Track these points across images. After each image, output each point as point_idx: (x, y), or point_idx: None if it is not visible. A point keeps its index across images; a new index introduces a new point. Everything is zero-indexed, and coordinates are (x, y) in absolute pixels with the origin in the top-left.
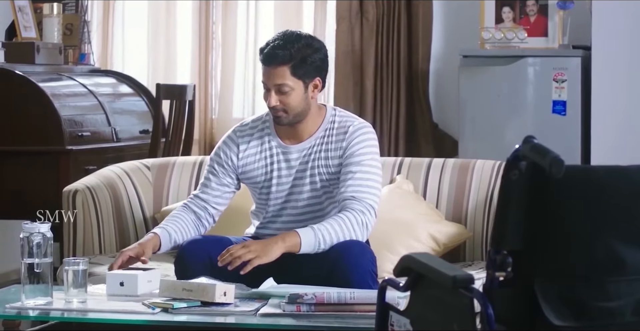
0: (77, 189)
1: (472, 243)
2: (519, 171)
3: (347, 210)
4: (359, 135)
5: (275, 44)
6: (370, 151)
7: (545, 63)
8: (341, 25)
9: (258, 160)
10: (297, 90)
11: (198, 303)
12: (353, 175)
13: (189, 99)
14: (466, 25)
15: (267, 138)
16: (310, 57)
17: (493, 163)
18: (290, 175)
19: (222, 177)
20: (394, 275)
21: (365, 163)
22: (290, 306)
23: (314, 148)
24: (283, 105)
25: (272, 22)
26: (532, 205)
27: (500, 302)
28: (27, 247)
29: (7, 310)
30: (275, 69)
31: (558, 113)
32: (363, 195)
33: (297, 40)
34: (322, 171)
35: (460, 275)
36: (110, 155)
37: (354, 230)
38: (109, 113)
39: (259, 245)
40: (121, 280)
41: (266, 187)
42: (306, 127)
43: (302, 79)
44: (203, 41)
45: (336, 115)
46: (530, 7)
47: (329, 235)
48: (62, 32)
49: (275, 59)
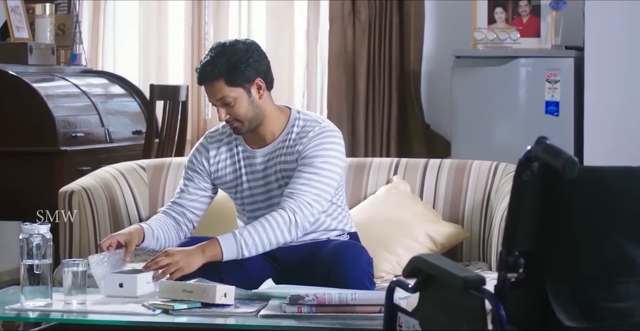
0: (73, 190)
1: (469, 244)
2: (531, 172)
3: (277, 210)
4: (316, 140)
5: (204, 62)
6: (325, 154)
7: (538, 64)
8: (334, 25)
9: (228, 165)
10: (240, 98)
11: (198, 304)
12: (299, 173)
13: (182, 100)
14: (458, 25)
15: (234, 143)
16: (241, 62)
17: (490, 164)
18: (258, 179)
19: (197, 181)
20: (403, 276)
21: (314, 165)
22: (292, 307)
23: (276, 152)
24: (234, 116)
25: (264, 22)
26: (543, 206)
27: (512, 303)
28: (27, 248)
29: (7, 311)
30: (211, 86)
31: (551, 114)
32: (302, 192)
33: (222, 51)
34: (284, 174)
35: (471, 276)
36: (103, 156)
37: (281, 230)
38: (102, 114)
39: (182, 255)
40: (120, 281)
41: (239, 191)
42: (268, 130)
43: (241, 85)
44: (195, 41)
45: (300, 118)
46: (522, 7)
47: (252, 239)
48: (55, 33)
49: (207, 76)
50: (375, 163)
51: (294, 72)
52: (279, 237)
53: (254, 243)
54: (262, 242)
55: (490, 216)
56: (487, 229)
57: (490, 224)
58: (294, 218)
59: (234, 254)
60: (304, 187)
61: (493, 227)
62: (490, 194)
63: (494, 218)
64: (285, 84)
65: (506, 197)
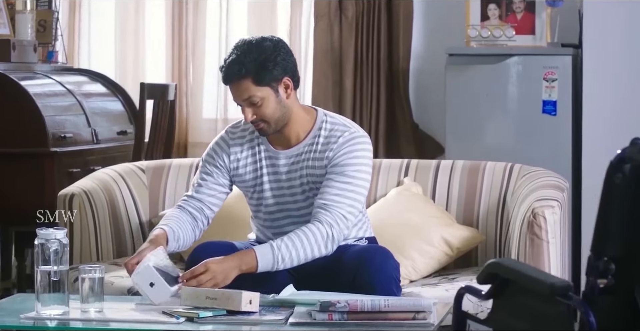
0: (73, 193)
1: (485, 248)
2: (622, 174)
3: (314, 223)
4: (347, 146)
5: (230, 60)
6: (356, 162)
7: (534, 61)
8: (320, 22)
9: (249, 164)
10: (268, 98)
11: (224, 311)
12: (332, 182)
13: (171, 99)
14: (451, 22)
15: (256, 141)
16: (269, 61)
17: (504, 165)
18: (280, 180)
19: (216, 177)
20: (477, 282)
21: (347, 174)
22: (322, 314)
23: (302, 156)
24: (260, 117)
25: (245, 21)
26: (635, 209)
27: (600, 310)
28: (43, 254)
29: (23, 320)
30: (238, 85)
31: (548, 114)
32: (336, 204)
33: (248, 49)
34: (310, 179)
35: (558, 281)
36: (91, 157)
37: (318, 245)
38: (88, 113)
39: (220, 268)
40: (152, 281)
41: (258, 192)
42: (293, 131)
43: (269, 84)
44: (176, 40)
45: (327, 121)
46: (517, 4)
47: (289, 253)
48: (35, 29)
49: (233, 75)
50: (384, 164)
51: None
52: (315, 251)
53: (290, 257)
54: (298, 257)
55: (506, 219)
56: (504, 232)
57: (507, 227)
58: (331, 233)
59: (268, 267)
60: (338, 198)
61: (511, 230)
62: (506, 196)
63: (511, 221)
64: None
65: (526, 199)
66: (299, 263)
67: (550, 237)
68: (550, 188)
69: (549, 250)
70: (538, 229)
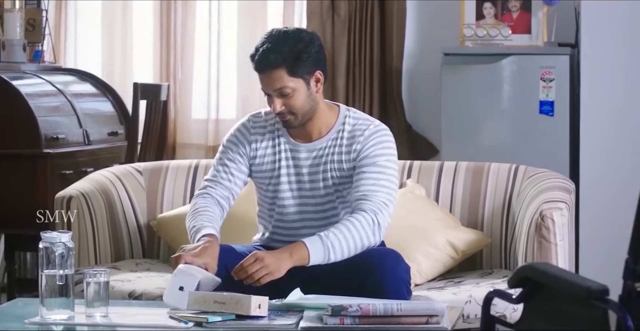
0: (71, 195)
1: (490, 250)
2: None
3: (357, 212)
4: (374, 138)
5: (264, 48)
6: (386, 152)
7: (531, 61)
8: (312, 21)
9: (268, 154)
10: (299, 89)
11: (232, 316)
12: (365, 174)
13: (164, 99)
14: (446, 21)
15: (277, 133)
16: (305, 52)
17: (509, 166)
18: (300, 174)
19: (238, 164)
20: (509, 286)
21: (379, 164)
22: (334, 319)
23: (326, 150)
24: (289, 108)
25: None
26: None
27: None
28: (48, 257)
29: (27, 325)
30: (271, 74)
31: (545, 114)
32: (375, 193)
33: (285, 38)
34: (334, 174)
35: (595, 285)
36: (82, 159)
37: (366, 232)
38: (80, 114)
39: (272, 259)
40: (182, 285)
41: (274, 184)
42: (316, 126)
43: (302, 76)
44: (164, 40)
45: (350, 116)
46: (512, 3)
47: (339, 242)
48: (24, 28)
49: (268, 64)
50: None
51: None
52: (364, 239)
53: (341, 246)
54: (349, 246)
55: (512, 221)
56: (510, 235)
57: (513, 229)
58: (376, 220)
59: (320, 258)
60: (375, 188)
61: (518, 233)
62: (511, 198)
63: (517, 223)
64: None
65: (533, 201)
66: (350, 254)
67: (559, 240)
68: (558, 190)
69: (557, 253)
70: (546, 232)
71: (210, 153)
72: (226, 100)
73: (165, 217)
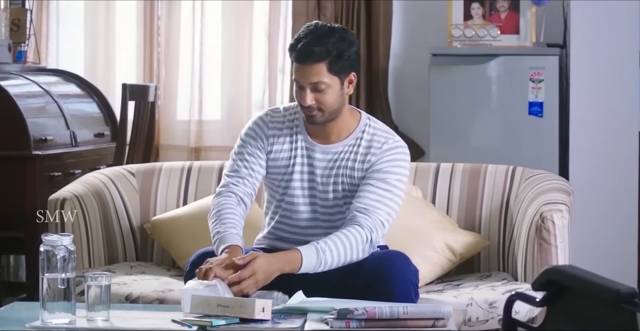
0: (65, 198)
1: (487, 253)
2: None
3: (354, 226)
4: (391, 154)
5: (309, 40)
6: (398, 172)
7: (520, 62)
8: (298, 21)
9: (284, 150)
10: (333, 87)
11: (236, 320)
12: (372, 188)
13: (151, 100)
14: (433, 22)
15: (295, 129)
16: (347, 52)
17: (506, 168)
18: (313, 173)
19: (257, 158)
20: (533, 289)
21: (388, 181)
22: (339, 322)
23: (341, 155)
24: (319, 104)
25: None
26: None
27: None
28: (49, 261)
29: (28, 329)
30: (312, 67)
31: (535, 115)
32: (376, 209)
33: (331, 34)
34: (345, 180)
35: (625, 288)
36: (70, 160)
37: (358, 249)
38: (67, 115)
39: (263, 274)
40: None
41: (286, 181)
42: (337, 128)
43: (339, 75)
44: (147, 41)
45: (370, 125)
46: (500, 3)
47: (331, 257)
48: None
49: (311, 56)
50: None
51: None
52: (354, 256)
53: (332, 261)
54: (339, 261)
55: (510, 223)
56: (508, 237)
57: (511, 232)
58: (370, 237)
59: (309, 270)
60: (377, 204)
61: (517, 235)
62: (509, 200)
63: (516, 225)
64: (244, 83)
65: (532, 203)
66: (337, 266)
67: (559, 242)
68: (557, 191)
69: (557, 255)
70: (547, 234)
71: (193, 155)
72: (210, 101)
73: (160, 220)
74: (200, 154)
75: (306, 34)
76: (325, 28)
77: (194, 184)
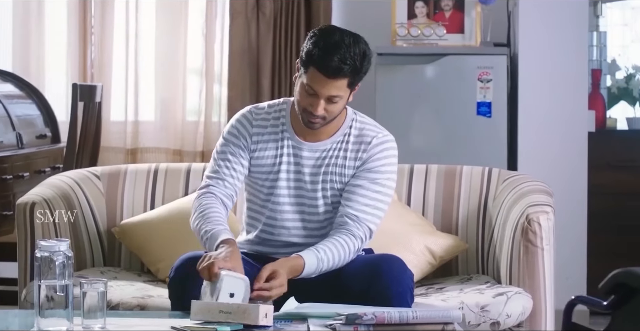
0: (34, 201)
1: (466, 256)
2: None
3: (349, 235)
4: (381, 151)
5: (340, 56)
6: (389, 170)
7: (468, 61)
8: (236, 20)
9: (269, 148)
10: (344, 98)
11: (240, 326)
12: (363, 190)
13: (98, 101)
14: (376, 21)
15: (280, 127)
16: (364, 67)
17: (482, 169)
18: (301, 172)
19: (238, 158)
20: (601, 292)
21: (379, 182)
22: (347, 327)
23: (330, 152)
24: (326, 113)
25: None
26: None
27: None
28: (45, 267)
29: None
30: (335, 81)
31: (483, 115)
32: (367, 216)
33: (355, 49)
34: (334, 179)
35: None
36: (18, 163)
37: (349, 257)
38: (12, 116)
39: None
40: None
41: (271, 180)
42: (325, 127)
43: (352, 87)
44: (81, 41)
45: (357, 120)
46: (445, 2)
47: (327, 266)
48: None
49: (339, 72)
50: None
51: (186, 71)
52: (344, 261)
53: (325, 269)
54: (329, 268)
55: (489, 225)
56: (487, 239)
57: (490, 234)
58: (360, 246)
59: (304, 276)
60: (369, 209)
61: (499, 237)
62: (487, 202)
63: (496, 227)
64: (179, 85)
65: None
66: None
67: (545, 244)
68: (540, 193)
69: (543, 258)
70: (533, 236)
71: (129, 156)
72: (145, 102)
73: (129, 224)
74: (136, 156)
75: (333, 47)
76: (350, 42)
77: (161, 187)
